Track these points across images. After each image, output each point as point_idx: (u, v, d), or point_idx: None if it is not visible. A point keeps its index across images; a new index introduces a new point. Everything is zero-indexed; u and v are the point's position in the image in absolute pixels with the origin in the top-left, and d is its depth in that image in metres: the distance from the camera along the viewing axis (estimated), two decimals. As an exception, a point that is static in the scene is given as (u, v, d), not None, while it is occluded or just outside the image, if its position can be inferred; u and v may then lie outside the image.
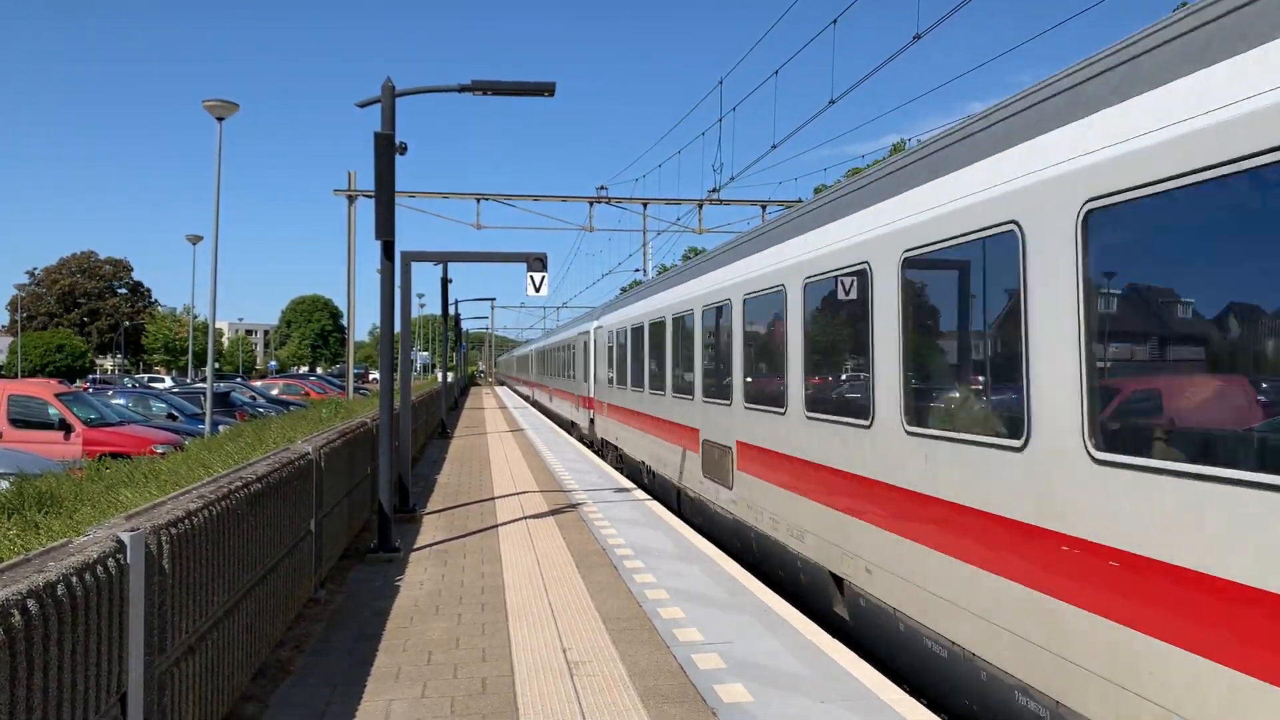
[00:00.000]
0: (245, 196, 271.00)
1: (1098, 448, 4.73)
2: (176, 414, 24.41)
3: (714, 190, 26.50)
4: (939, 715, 6.27)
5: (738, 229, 31.25)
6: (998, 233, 5.72)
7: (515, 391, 75.59)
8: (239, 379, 62.95)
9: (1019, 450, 5.42)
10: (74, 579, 3.25)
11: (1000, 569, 5.58)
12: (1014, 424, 5.50)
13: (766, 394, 10.13)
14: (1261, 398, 3.97)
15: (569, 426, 31.16)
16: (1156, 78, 4.54)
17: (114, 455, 13.53)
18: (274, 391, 40.01)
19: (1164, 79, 4.48)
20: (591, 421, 25.58)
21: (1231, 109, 4.02)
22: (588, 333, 25.91)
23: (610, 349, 21.78)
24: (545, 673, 6.29)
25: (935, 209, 6.50)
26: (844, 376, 8.43)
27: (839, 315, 8.45)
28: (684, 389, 13.98)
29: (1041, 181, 5.21)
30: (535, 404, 49.29)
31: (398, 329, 11.75)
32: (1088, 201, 4.83)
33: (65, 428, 17.86)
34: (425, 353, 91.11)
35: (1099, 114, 4.89)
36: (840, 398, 8.32)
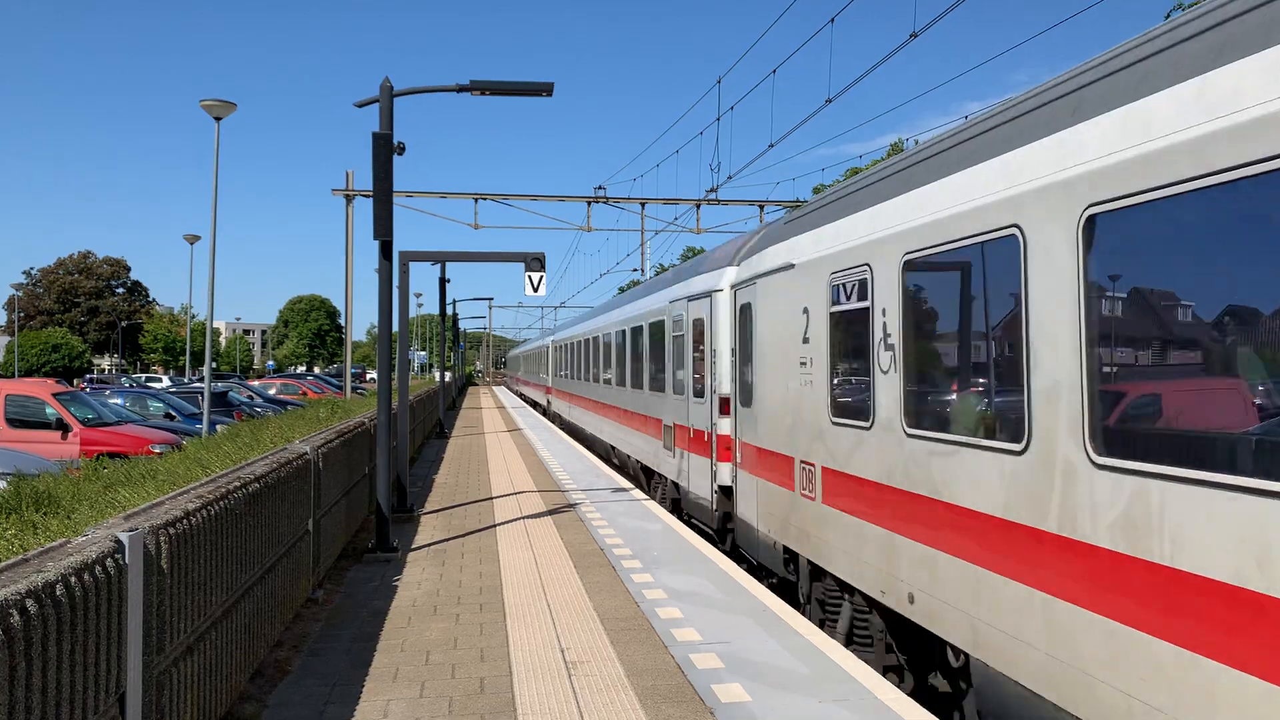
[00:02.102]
0: (243, 196, 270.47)
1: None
2: (174, 413, 24.38)
3: (712, 190, 26.53)
4: (934, 713, 6.29)
5: (736, 229, 31.34)
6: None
7: (510, 390, 77.20)
8: (237, 379, 62.87)
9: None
10: (73, 579, 3.25)
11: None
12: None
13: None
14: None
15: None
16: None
17: (111, 455, 13.53)
18: (272, 391, 39.97)
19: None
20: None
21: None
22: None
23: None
24: (543, 673, 6.29)
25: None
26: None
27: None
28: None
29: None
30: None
31: (395, 329, 11.74)
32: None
33: (63, 427, 17.83)
34: (423, 352, 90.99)
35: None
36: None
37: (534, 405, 50.88)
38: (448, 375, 40.11)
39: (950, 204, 6.04)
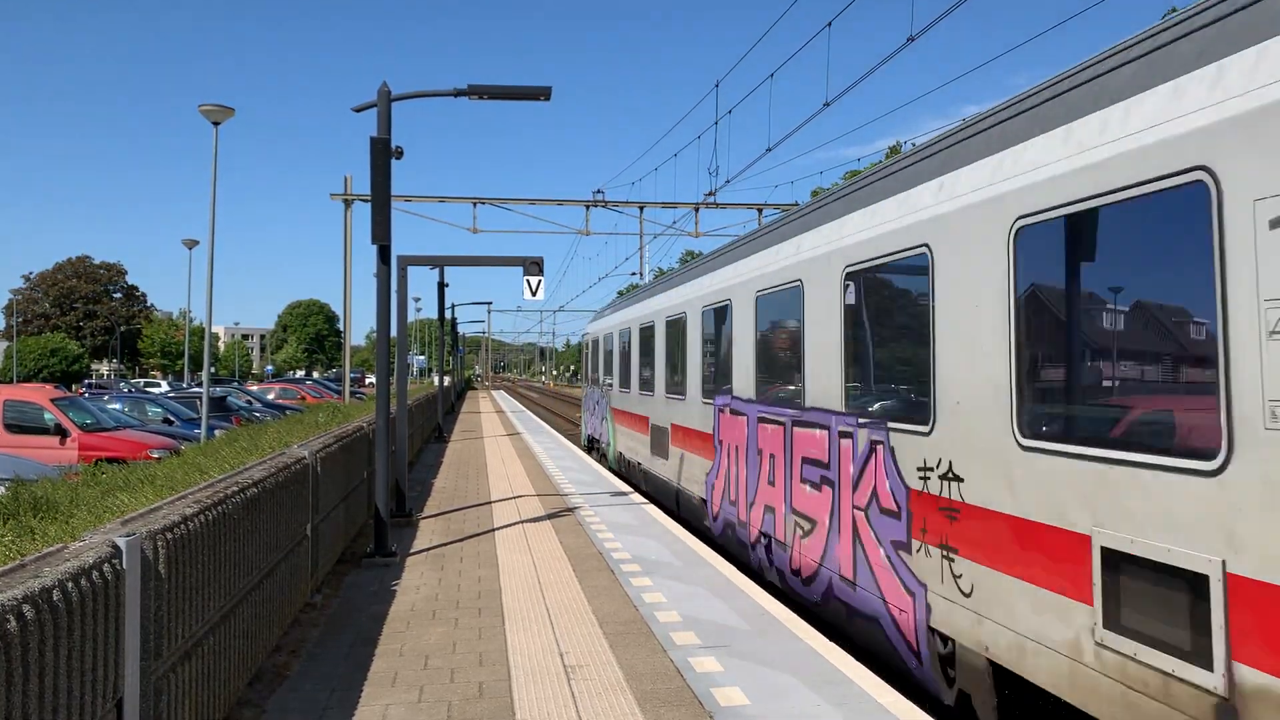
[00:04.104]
0: (242, 201, 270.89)
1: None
2: (172, 418, 24.35)
3: (710, 194, 26.55)
4: (927, 712, 6.30)
5: (734, 232, 31.37)
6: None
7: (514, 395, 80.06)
8: (235, 383, 62.81)
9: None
10: (70, 584, 3.25)
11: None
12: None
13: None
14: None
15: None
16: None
17: (110, 460, 13.50)
18: (270, 396, 39.88)
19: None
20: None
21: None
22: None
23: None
24: (542, 677, 6.28)
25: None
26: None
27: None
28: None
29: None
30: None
31: (394, 333, 11.74)
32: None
33: (61, 432, 17.81)
34: (421, 356, 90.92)
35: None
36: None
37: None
38: (446, 379, 40.11)
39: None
